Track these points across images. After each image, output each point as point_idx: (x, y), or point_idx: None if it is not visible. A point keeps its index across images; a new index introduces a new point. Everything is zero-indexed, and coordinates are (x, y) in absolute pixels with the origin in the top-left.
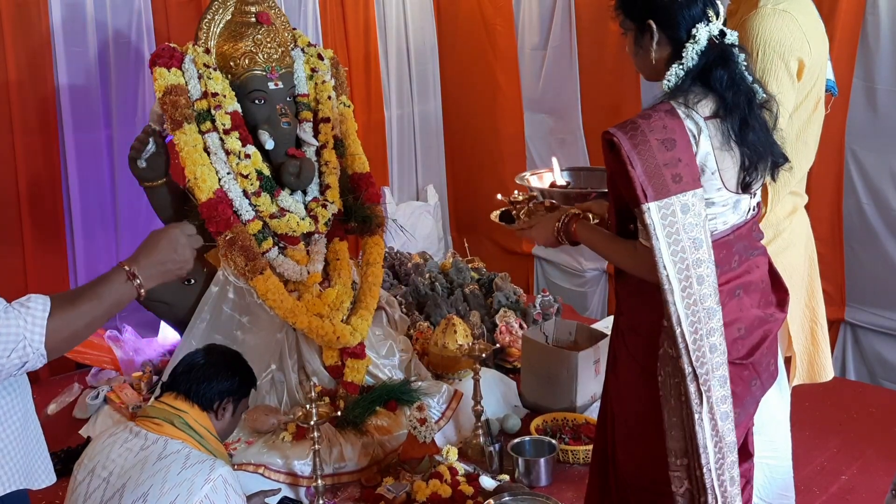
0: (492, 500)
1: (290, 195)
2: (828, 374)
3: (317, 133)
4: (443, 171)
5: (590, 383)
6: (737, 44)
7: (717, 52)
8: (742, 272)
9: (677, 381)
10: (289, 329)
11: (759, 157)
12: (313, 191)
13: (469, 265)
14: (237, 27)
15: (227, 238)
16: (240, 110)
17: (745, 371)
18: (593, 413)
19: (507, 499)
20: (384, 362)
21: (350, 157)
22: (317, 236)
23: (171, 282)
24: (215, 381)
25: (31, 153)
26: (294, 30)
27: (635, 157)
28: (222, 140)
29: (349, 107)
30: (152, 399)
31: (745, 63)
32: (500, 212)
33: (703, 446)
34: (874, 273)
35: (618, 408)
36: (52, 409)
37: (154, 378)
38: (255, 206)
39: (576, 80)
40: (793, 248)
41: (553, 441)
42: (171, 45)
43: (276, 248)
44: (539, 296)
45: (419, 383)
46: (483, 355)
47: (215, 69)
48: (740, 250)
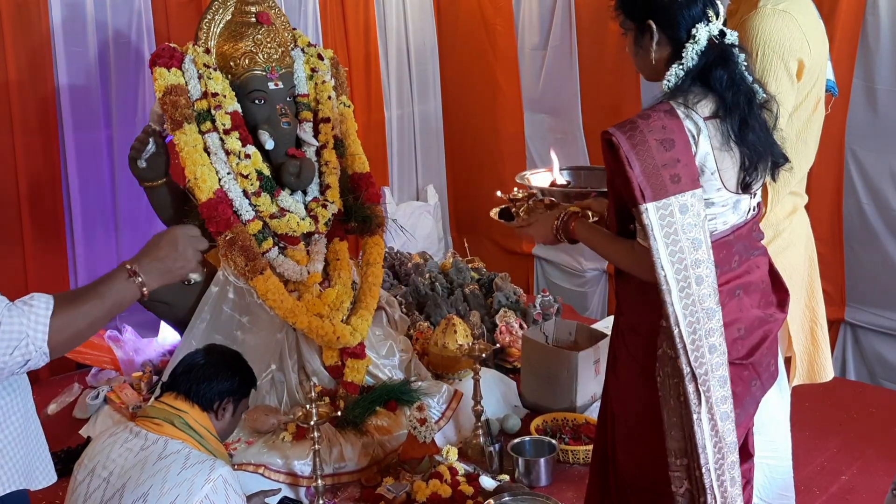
0: (492, 500)
1: (290, 195)
2: (828, 374)
3: (317, 133)
4: (443, 171)
5: (590, 383)
6: (737, 44)
7: (716, 52)
8: (742, 272)
9: (676, 381)
10: (289, 329)
11: (759, 157)
12: (313, 191)
13: (469, 265)
14: (237, 27)
15: (227, 238)
16: (240, 110)
17: (745, 371)
18: (593, 413)
19: (507, 499)
20: (384, 362)
21: (350, 158)
22: (317, 236)
23: (173, 283)
24: (215, 381)
25: (31, 153)
26: (294, 30)
27: (633, 158)
28: (222, 140)
29: (349, 107)
30: (152, 399)
31: (745, 63)
32: (499, 209)
33: (702, 447)
34: (874, 273)
35: (618, 408)
36: (52, 409)
37: (154, 378)
38: (255, 206)
39: (576, 80)
40: (793, 248)
41: (553, 441)
42: (171, 45)
43: (276, 248)
44: (539, 296)
45: (419, 383)
46: (483, 355)
47: (215, 69)
48: (740, 250)
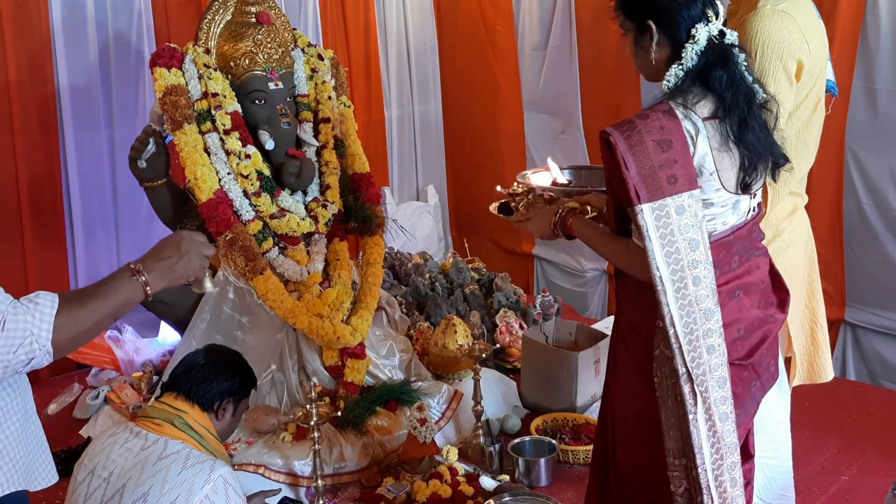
0: (492, 501)
1: (291, 195)
2: (828, 374)
3: (317, 133)
4: (443, 171)
5: (590, 383)
6: (737, 44)
7: (716, 52)
8: (742, 273)
9: (673, 381)
10: (289, 329)
11: (759, 157)
12: (313, 191)
13: (469, 265)
14: (237, 27)
15: (227, 238)
16: (240, 110)
17: (744, 372)
18: (593, 413)
19: (507, 499)
20: (384, 362)
21: (350, 158)
22: (317, 236)
23: (177, 285)
24: (215, 381)
25: (31, 153)
26: (294, 30)
27: (630, 159)
28: (222, 140)
29: (349, 107)
30: (152, 399)
31: (745, 63)
32: (498, 204)
33: (699, 447)
34: (874, 273)
35: (618, 408)
36: (52, 409)
37: (154, 378)
38: (255, 207)
39: (576, 80)
40: (793, 248)
41: (553, 441)
42: (172, 45)
43: (277, 248)
44: (539, 296)
45: (419, 383)
46: (483, 355)
47: (215, 69)
48: (740, 251)
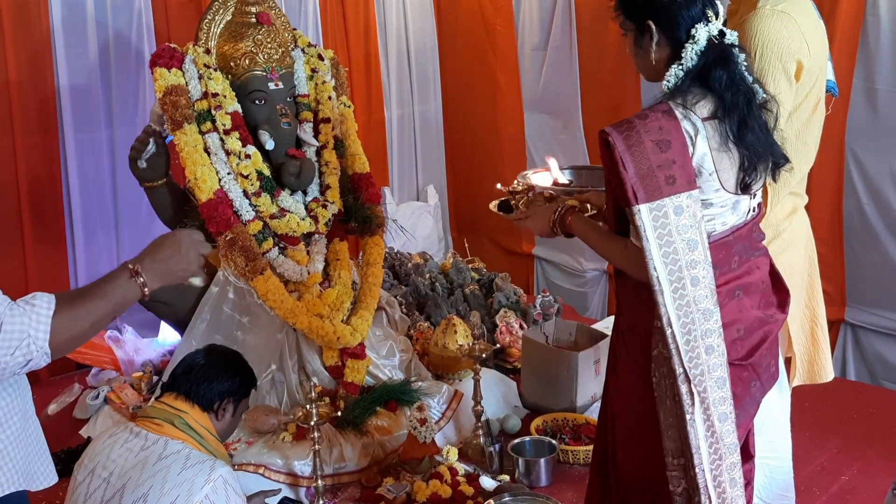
0: (492, 501)
1: (291, 195)
2: (828, 374)
3: (317, 133)
4: (443, 171)
5: (590, 383)
6: (737, 44)
7: (716, 52)
8: (742, 273)
9: (671, 381)
10: (289, 329)
11: (759, 157)
12: (313, 191)
13: (469, 265)
14: (237, 27)
15: (227, 238)
16: (240, 111)
17: (744, 372)
18: (593, 413)
19: (507, 499)
20: (384, 362)
21: (350, 158)
22: (317, 236)
23: (174, 284)
24: (215, 381)
25: (31, 153)
26: (294, 30)
27: (628, 159)
28: (222, 140)
29: (349, 107)
30: (152, 399)
31: (745, 63)
32: (498, 201)
33: (696, 447)
34: (874, 273)
35: (618, 408)
36: (52, 409)
37: (154, 378)
38: (255, 207)
39: (576, 80)
40: (793, 248)
41: (553, 441)
42: (172, 45)
43: (277, 248)
44: (539, 296)
45: (419, 383)
46: (483, 355)
47: (216, 69)
48: (740, 251)
